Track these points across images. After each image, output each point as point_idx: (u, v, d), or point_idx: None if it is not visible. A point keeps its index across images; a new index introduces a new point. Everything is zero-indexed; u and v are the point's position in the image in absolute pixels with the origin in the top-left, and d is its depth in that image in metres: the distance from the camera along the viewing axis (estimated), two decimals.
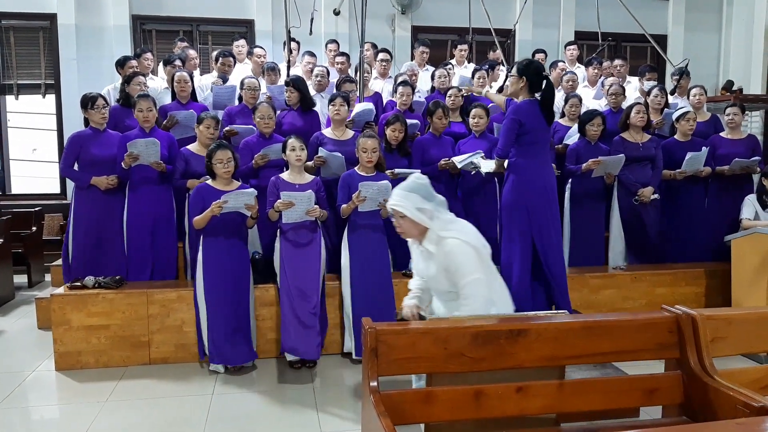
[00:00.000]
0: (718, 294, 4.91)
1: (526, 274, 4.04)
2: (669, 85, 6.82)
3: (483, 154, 4.56)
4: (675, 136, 5.33)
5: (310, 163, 4.46)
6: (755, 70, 8.56)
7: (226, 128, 4.94)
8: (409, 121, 4.98)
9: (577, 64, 7.15)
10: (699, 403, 2.30)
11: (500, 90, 5.67)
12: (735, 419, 1.97)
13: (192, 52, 6.40)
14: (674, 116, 5.32)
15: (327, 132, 4.71)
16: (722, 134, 5.40)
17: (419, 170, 4.59)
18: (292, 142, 4.09)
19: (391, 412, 2.01)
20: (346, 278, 4.17)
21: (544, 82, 3.98)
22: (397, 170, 4.43)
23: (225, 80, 5.79)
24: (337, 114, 4.61)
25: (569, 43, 7.32)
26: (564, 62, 6.88)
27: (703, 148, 5.11)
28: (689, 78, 6.29)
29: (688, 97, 5.87)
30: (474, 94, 5.50)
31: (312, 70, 6.01)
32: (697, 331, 2.35)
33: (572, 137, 5.37)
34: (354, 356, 4.16)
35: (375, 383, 2.14)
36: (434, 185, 4.68)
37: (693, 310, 2.41)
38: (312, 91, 5.43)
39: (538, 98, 4.00)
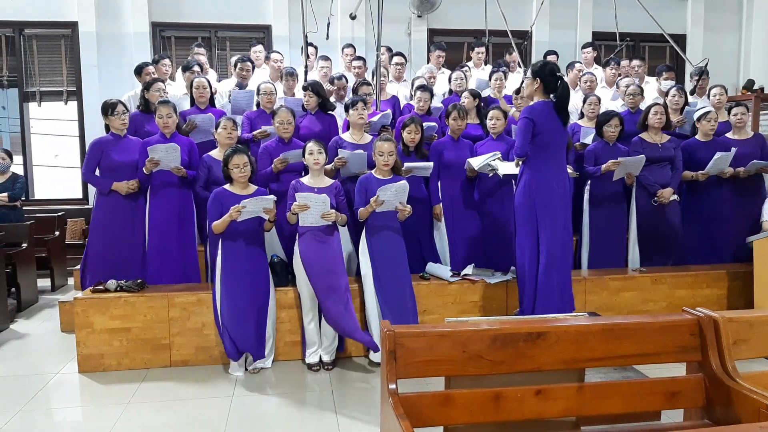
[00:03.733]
0: (739, 296, 4.84)
1: (539, 275, 4.01)
2: (688, 85, 6.75)
3: (500, 156, 4.55)
4: (696, 136, 5.27)
5: (329, 166, 4.50)
6: None
7: (258, 131, 4.99)
8: (426, 123, 4.99)
9: (595, 65, 7.11)
10: (721, 407, 2.28)
11: (517, 92, 5.66)
12: (758, 423, 1.95)
13: (202, 58, 6.44)
14: (695, 116, 5.27)
15: (346, 136, 4.73)
16: (728, 135, 5.31)
17: (431, 163, 4.61)
18: (311, 146, 4.12)
19: (410, 414, 2.02)
20: (367, 281, 4.18)
21: (559, 82, 3.97)
22: (408, 165, 4.44)
23: (242, 87, 5.84)
24: (360, 118, 4.64)
25: (585, 46, 7.27)
26: (581, 63, 6.84)
27: (732, 149, 5.04)
28: (709, 78, 6.23)
29: (708, 97, 5.81)
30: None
31: (327, 75, 6.04)
32: (718, 333, 2.33)
33: (588, 136, 5.34)
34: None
35: (394, 386, 2.15)
36: (452, 186, 4.82)
37: (714, 313, 2.39)
38: (331, 98, 5.47)
39: (553, 99, 4.00)
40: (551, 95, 4.00)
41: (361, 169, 4.50)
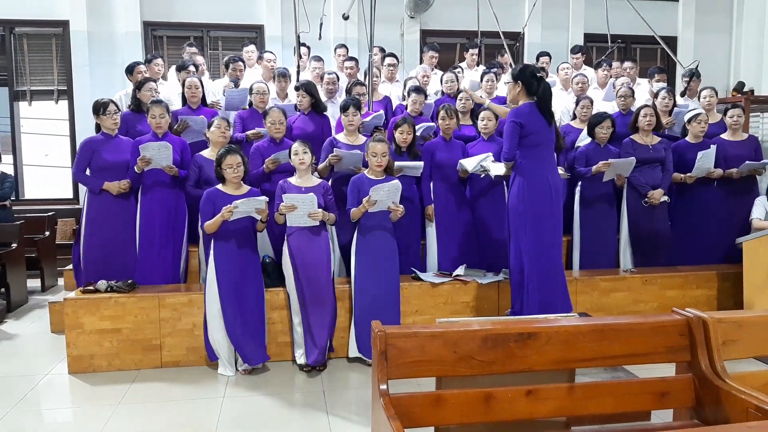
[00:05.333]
0: (729, 297, 4.87)
1: (534, 276, 4.03)
2: (680, 86, 6.79)
3: (492, 157, 4.56)
4: (686, 138, 5.31)
5: (323, 164, 4.50)
6: (766, 71, 8.50)
7: (252, 131, 4.98)
8: (425, 124, 5.00)
9: (584, 67, 7.13)
10: (710, 407, 2.30)
11: None
12: (747, 423, 1.97)
13: (200, 59, 6.43)
14: (686, 117, 5.31)
15: (340, 137, 4.74)
16: (723, 136, 5.35)
17: (421, 162, 4.62)
18: (296, 146, 4.14)
19: (401, 415, 2.02)
20: (354, 281, 4.18)
21: (540, 83, 3.99)
22: (398, 164, 4.44)
23: (237, 85, 5.84)
24: (351, 124, 4.64)
25: (574, 50, 7.28)
26: (568, 63, 6.87)
27: (712, 146, 5.09)
28: (700, 79, 6.26)
29: (698, 99, 5.85)
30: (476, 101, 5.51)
31: (319, 75, 6.04)
32: (708, 334, 2.35)
33: (584, 141, 5.37)
34: (362, 358, 4.18)
35: (385, 386, 2.15)
36: (444, 187, 4.83)
37: (704, 313, 2.40)
38: (322, 97, 5.47)
39: (536, 99, 4.02)
40: (534, 96, 4.02)
41: (355, 165, 4.51)
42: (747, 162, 5.09)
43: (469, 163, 4.57)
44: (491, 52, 7.92)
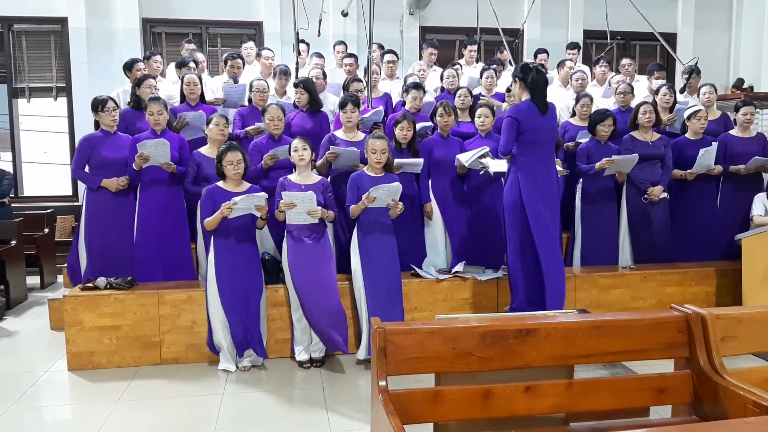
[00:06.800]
0: (728, 293, 4.89)
1: (530, 273, 4.03)
2: (679, 83, 6.79)
3: (489, 151, 4.56)
4: (686, 135, 5.32)
5: (320, 161, 4.50)
6: (766, 68, 8.50)
7: (252, 127, 4.98)
8: (422, 123, 4.99)
9: (579, 65, 7.13)
10: (709, 403, 2.30)
11: (508, 90, 5.66)
12: (745, 418, 1.97)
13: (200, 56, 6.43)
14: (685, 114, 5.31)
15: (339, 133, 4.73)
16: (732, 132, 5.37)
17: (421, 159, 4.62)
18: (296, 143, 4.13)
19: (400, 411, 2.02)
20: (357, 278, 4.18)
21: (531, 72, 3.99)
22: (397, 161, 4.44)
23: (236, 81, 5.83)
24: (349, 121, 4.64)
25: (570, 47, 7.28)
26: (571, 61, 6.87)
27: (713, 143, 5.09)
28: (699, 76, 6.26)
29: (698, 96, 5.85)
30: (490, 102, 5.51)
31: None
32: (706, 330, 2.35)
33: (584, 138, 5.36)
34: (367, 355, 4.18)
35: (384, 383, 2.15)
36: (441, 183, 4.83)
37: (703, 310, 2.40)
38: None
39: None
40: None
41: (353, 162, 4.51)
42: (756, 158, 5.09)
43: (465, 157, 4.57)
44: (490, 49, 7.91)
